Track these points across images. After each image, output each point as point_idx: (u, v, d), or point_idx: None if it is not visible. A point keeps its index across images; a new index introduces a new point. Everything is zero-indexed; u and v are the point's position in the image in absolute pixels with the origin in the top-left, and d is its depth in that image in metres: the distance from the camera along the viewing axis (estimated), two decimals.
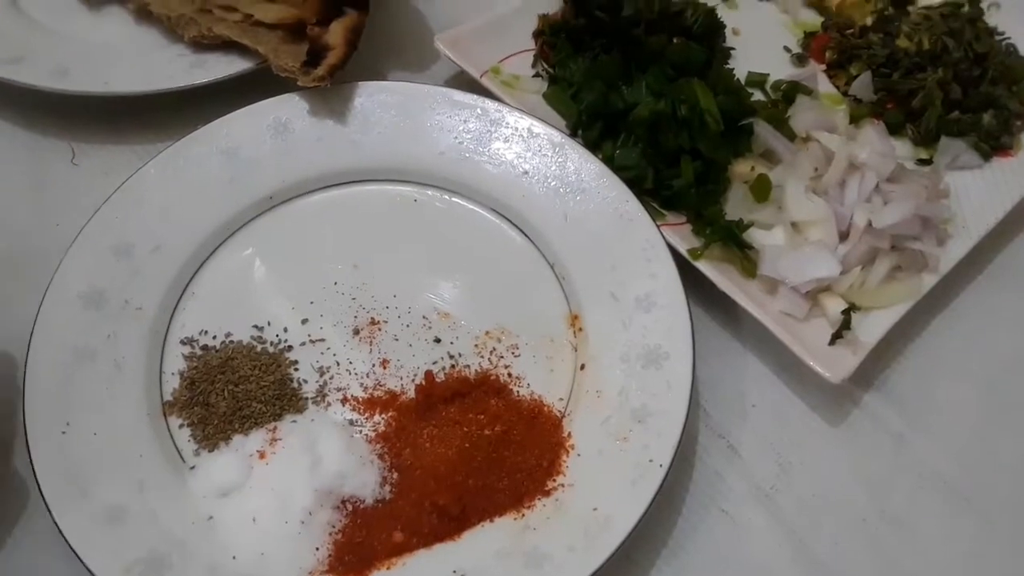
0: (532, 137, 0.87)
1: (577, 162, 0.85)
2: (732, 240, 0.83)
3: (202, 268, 0.82)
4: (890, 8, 1.05)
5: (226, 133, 0.86)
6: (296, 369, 0.78)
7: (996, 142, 0.94)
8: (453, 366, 0.78)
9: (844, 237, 0.84)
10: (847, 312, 0.80)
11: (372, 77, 0.92)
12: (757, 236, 0.85)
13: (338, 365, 0.78)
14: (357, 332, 0.80)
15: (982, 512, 0.77)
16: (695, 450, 0.78)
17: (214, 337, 0.79)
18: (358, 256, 0.84)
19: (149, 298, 0.79)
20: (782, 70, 1.01)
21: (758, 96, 0.98)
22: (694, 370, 0.74)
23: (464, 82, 0.94)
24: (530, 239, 0.85)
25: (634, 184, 0.84)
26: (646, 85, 0.89)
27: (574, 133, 0.90)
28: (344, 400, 0.76)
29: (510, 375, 0.78)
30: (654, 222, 0.82)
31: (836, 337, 0.79)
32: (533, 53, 0.99)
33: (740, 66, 1.00)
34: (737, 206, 0.87)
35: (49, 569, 0.69)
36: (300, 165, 0.87)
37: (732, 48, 1.03)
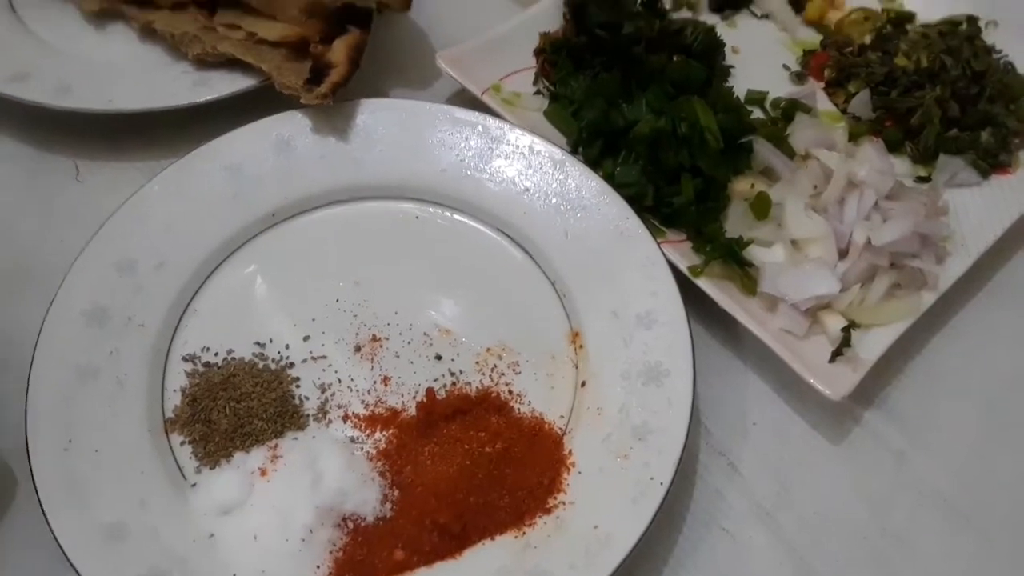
0: (533, 154, 0.88)
1: (578, 179, 0.86)
2: (732, 257, 0.83)
3: (205, 285, 0.83)
4: (888, 26, 1.06)
5: (229, 150, 0.87)
6: (297, 386, 0.78)
7: (994, 160, 0.95)
8: (454, 383, 0.78)
9: (843, 254, 0.85)
10: (847, 329, 0.80)
11: (374, 95, 0.92)
12: (757, 253, 0.86)
13: (339, 382, 0.78)
14: (358, 349, 0.80)
15: (981, 530, 0.77)
16: (696, 468, 0.78)
17: (216, 354, 0.79)
18: (360, 273, 0.84)
19: (152, 315, 0.79)
20: (781, 88, 1.01)
21: (757, 114, 0.98)
22: (695, 387, 0.74)
23: (466, 100, 0.95)
24: (531, 256, 0.85)
25: (634, 201, 0.85)
26: (646, 103, 0.90)
27: (575, 150, 0.91)
28: (345, 417, 0.76)
29: (511, 392, 0.78)
30: (654, 239, 0.82)
31: (836, 354, 0.79)
32: (534, 71, 0.99)
33: (739, 84, 1.01)
34: (737, 223, 0.87)
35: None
36: (303, 182, 0.87)
37: (732, 66, 1.03)
